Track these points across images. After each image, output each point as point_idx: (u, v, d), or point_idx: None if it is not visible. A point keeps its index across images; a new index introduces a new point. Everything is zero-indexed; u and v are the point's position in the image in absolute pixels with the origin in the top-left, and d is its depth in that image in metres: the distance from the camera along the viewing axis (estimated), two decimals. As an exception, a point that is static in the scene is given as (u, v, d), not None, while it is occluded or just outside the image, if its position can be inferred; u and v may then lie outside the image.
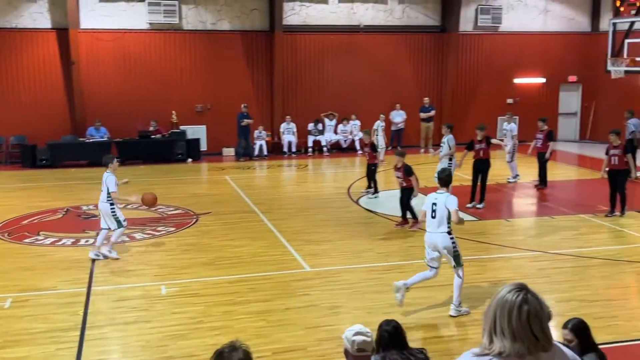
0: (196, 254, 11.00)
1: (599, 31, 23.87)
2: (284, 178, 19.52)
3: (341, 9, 22.45)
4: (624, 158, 12.78)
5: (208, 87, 21.74)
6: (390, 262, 10.49)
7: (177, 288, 9.35)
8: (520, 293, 2.68)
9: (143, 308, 8.59)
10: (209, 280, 9.64)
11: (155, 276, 9.93)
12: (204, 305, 8.63)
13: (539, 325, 2.66)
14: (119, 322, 8.18)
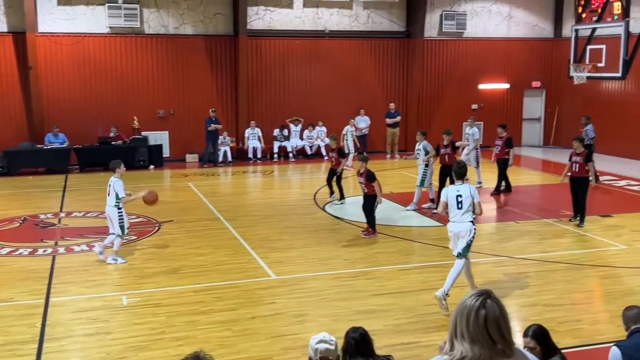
0: (158, 262, 10.78)
1: (562, 37, 24.16)
2: (249, 185, 19.24)
3: (306, 14, 22.29)
4: (585, 166, 12.75)
5: (171, 92, 21.37)
6: (356, 269, 10.43)
7: (139, 298, 9.16)
8: (479, 298, 2.75)
9: (103, 319, 8.38)
10: (172, 290, 9.45)
11: (116, 286, 9.73)
12: (167, 316, 8.44)
13: (496, 330, 2.71)
14: (79, 333, 7.98)
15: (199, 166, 20.92)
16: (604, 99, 22.53)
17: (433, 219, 13.73)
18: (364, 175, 12.27)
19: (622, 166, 20.13)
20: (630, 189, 16.94)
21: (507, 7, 24.18)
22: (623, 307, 5.61)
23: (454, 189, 8.75)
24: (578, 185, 12.90)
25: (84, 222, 13.69)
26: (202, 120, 20.99)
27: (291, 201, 16.02)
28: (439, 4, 23.46)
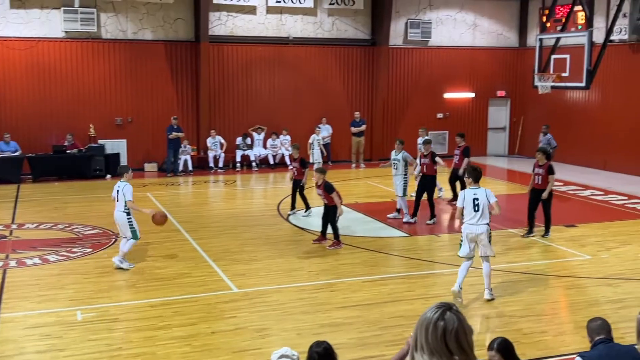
0: (115, 276, 10.47)
1: (527, 46, 24.27)
2: (211, 195, 18.75)
3: (269, 20, 21.93)
4: (547, 178, 12.56)
5: (129, 99, 20.78)
6: (321, 281, 10.32)
7: (94, 313, 8.87)
8: (439, 310, 2.78)
9: (56, 335, 8.10)
10: (129, 304, 9.21)
11: (70, 301, 9.37)
12: (124, 331, 8.26)
13: (455, 342, 2.74)
14: (30, 351, 7.74)
15: (158, 175, 20.39)
16: (568, 108, 22.63)
17: (402, 230, 13.49)
18: (322, 187, 12.02)
19: (586, 176, 20.20)
20: (595, 199, 16.96)
21: (472, 16, 24.19)
22: (588, 318, 5.59)
23: (470, 192, 9.11)
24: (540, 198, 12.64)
25: (37, 234, 13.23)
26: (161, 128, 20.46)
27: (254, 212, 15.72)
28: (404, 12, 23.34)
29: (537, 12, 22.66)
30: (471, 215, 9.04)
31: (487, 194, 9.07)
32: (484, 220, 9.05)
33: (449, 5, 23.84)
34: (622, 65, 20.46)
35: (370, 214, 14.83)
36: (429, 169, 14.05)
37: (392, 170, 14.25)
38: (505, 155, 25.15)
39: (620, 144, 20.76)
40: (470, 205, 9.02)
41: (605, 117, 21.22)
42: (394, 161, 14.16)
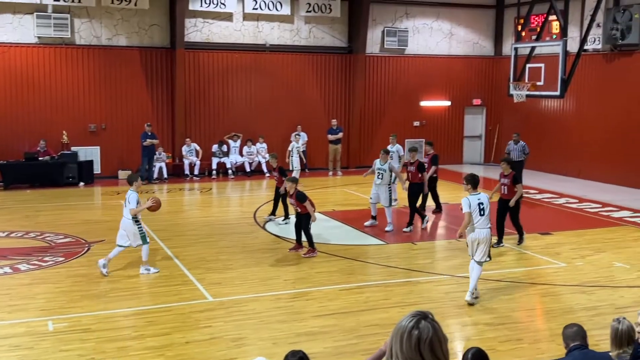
0: (87, 285, 10.27)
1: (502, 55, 24.46)
2: (186, 202, 18.55)
3: (246, 27, 21.84)
4: (513, 188, 12.56)
5: (103, 105, 20.53)
6: (297, 290, 10.25)
7: (66, 323, 8.69)
8: (414, 319, 2.78)
9: (27, 346, 7.94)
10: (101, 314, 9.02)
11: (41, 311, 9.16)
12: (96, 342, 8.08)
13: (429, 351, 2.74)
14: None
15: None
16: (543, 117, 22.82)
17: (378, 238, 13.46)
18: (294, 197, 11.92)
19: (561, 184, 20.36)
20: (570, 207, 17.08)
21: (449, 25, 24.33)
22: (563, 325, 5.57)
23: (474, 198, 9.43)
24: (508, 208, 12.64)
25: (8, 242, 12.96)
26: (136, 135, 20.24)
27: (230, 220, 15.56)
28: (381, 20, 23.41)
29: (513, 21, 22.86)
30: (478, 220, 9.39)
31: (488, 199, 9.58)
32: (488, 224, 9.47)
33: (426, 14, 23.96)
34: (596, 74, 20.69)
35: (347, 222, 14.77)
36: (414, 177, 14.09)
37: (376, 179, 14.08)
38: (481, 164, 25.28)
39: (594, 152, 20.97)
40: (477, 210, 9.38)
41: (580, 125, 21.43)
42: (379, 171, 13.99)
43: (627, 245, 13.07)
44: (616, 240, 13.42)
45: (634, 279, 10.83)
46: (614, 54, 20.10)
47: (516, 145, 18.46)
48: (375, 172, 14.06)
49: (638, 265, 11.54)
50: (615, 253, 12.41)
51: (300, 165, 20.15)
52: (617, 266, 11.51)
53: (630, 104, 19.64)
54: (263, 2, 21.69)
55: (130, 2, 20.06)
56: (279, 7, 21.88)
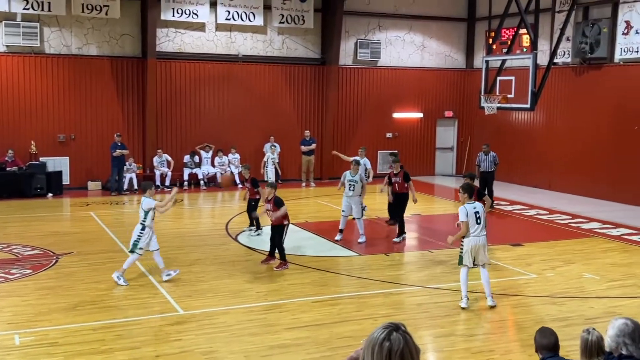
0: (55, 298, 10.06)
1: (473, 68, 24.69)
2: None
3: (219, 38, 21.76)
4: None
5: (72, 115, 20.26)
6: (270, 302, 10.15)
7: (33, 337, 8.54)
8: (385, 330, 2.78)
9: None
10: (69, 328, 8.84)
11: (7, 324, 9.02)
12: (63, 356, 7.94)
13: None
14: None
15: (102, 194, 19.88)
16: (514, 129, 23.06)
17: (351, 249, 13.44)
18: (272, 202, 11.81)
19: (532, 196, 20.55)
20: (540, 218, 17.23)
21: (421, 37, 24.51)
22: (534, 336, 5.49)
23: (470, 207, 9.67)
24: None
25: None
26: (106, 146, 20.01)
27: (201, 231, 15.43)
28: (354, 32, 23.50)
29: (484, 34, 23.11)
30: (474, 228, 9.66)
31: (483, 208, 9.93)
32: (484, 231, 9.79)
33: (398, 27, 24.12)
34: (566, 87, 20.98)
35: (320, 233, 14.73)
36: (401, 187, 14.20)
37: (347, 192, 13.94)
38: (453, 175, 25.43)
39: (564, 164, 21.22)
40: (473, 218, 9.64)
41: (550, 137, 21.68)
42: (351, 182, 13.90)
43: (597, 256, 13.21)
44: (586, 252, 13.57)
45: (603, 289, 10.95)
46: (583, 67, 20.41)
47: (486, 156, 18.62)
48: (347, 184, 13.95)
49: (607, 277, 11.67)
50: (585, 264, 12.53)
51: (275, 177, 20.09)
52: (586, 277, 11.62)
53: (599, 117, 19.94)
54: (236, 13, 21.64)
55: (101, 12, 19.87)
56: (252, 18, 21.85)
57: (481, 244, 9.73)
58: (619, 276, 11.71)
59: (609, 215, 17.27)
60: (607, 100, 19.63)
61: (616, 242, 14.42)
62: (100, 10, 19.85)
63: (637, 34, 18.54)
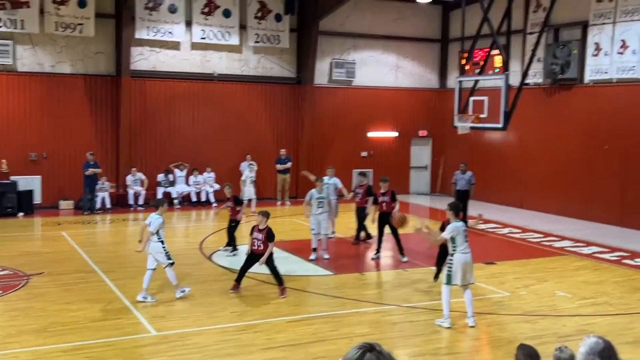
0: (26, 320, 9.89)
1: (447, 88, 24.96)
2: (130, 233, 18.10)
3: (194, 56, 21.75)
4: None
5: (45, 133, 20.04)
6: (244, 322, 10.05)
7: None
8: (360, 350, 2.74)
9: None
10: (39, 350, 8.71)
11: None
12: None
13: None
14: None
15: (75, 214, 19.64)
16: (487, 148, 23.31)
17: (326, 268, 13.43)
18: (265, 233, 11.26)
19: (504, 214, 20.73)
20: (513, 237, 17.38)
21: (395, 58, 24.75)
22: (508, 355, 5.67)
23: (460, 225, 9.87)
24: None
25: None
26: (79, 164, 19.81)
27: (175, 250, 14.95)
28: (329, 52, 23.66)
29: (457, 55, 23.41)
30: (464, 246, 9.84)
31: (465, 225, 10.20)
32: (469, 249, 9.96)
33: (373, 47, 24.34)
34: (538, 107, 21.29)
35: (296, 252, 14.67)
36: (388, 206, 14.29)
37: (316, 210, 14.04)
38: (427, 194, 25.59)
39: (536, 183, 21.48)
40: (462, 236, 9.82)
41: (522, 157, 21.95)
42: (320, 199, 14.08)
43: (569, 274, 13.35)
44: (558, 270, 13.70)
45: (575, 307, 11.06)
46: (554, 88, 20.74)
47: (463, 175, 18.79)
48: (315, 202, 14.05)
49: (579, 294, 11.79)
50: (558, 282, 12.66)
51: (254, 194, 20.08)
52: (559, 295, 11.73)
53: (570, 136, 20.25)
54: (211, 32, 21.68)
55: (75, 30, 19.76)
56: (228, 37, 21.90)
57: (470, 261, 9.93)
58: (590, 294, 11.85)
59: (580, 234, 17.49)
60: (578, 120, 19.96)
61: (588, 260, 14.59)
62: (74, 28, 19.74)
63: (607, 55, 18.92)
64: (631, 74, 18.24)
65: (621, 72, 18.55)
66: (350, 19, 23.80)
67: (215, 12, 21.66)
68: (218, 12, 21.69)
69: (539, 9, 21.06)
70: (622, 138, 18.68)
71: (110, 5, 20.53)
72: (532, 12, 21.28)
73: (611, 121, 18.97)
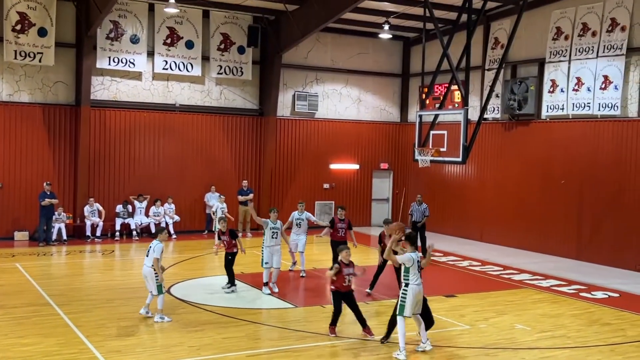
0: None
1: (408, 122, 25.28)
2: (86, 265, 17.73)
3: (155, 87, 21.63)
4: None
5: (1, 163, 19.60)
6: (202, 356, 9.84)
7: None
8: None
9: None
10: None
11: None
12: None
13: None
14: None
15: (30, 245, 19.15)
16: (447, 181, 23.58)
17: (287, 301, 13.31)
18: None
19: (464, 247, 20.90)
20: (473, 269, 17.49)
21: (357, 91, 25.02)
22: None
23: (415, 255, 10.05)
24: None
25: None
26: (35, 194, 19.42)
27: (132, 283, 14.90)
28: (292, 85, 23.79)
29: (417, 89, 23.78)
30: (417, 277, 10.03)
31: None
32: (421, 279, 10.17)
33: (335, 80, 24.57)
34: (496, 141, 21.69)
35: (256, 285, 14.51)
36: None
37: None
38: (389, 226, 25.63)
39: (495, 216, 21.75)
40: (416, 267, 10.00)
41: (481, 190, 22.26)
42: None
43: (528, 307, 13.45)
44: (517, 303, 13.80)
45: (534, 340, 11.12)
46: (512, 123, 21.17)
47: (419, 207, 18.98)
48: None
49: (538, 327, 11.87)
50: (517, 315, 12.74)
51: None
52: (518, 328, 11.79)
53: (527, 171, 20.62)
54: (174, 63, 21.63)
55: (34, 59, 19.50)
56: (190, 68, 21.87)
57: (421, 292, 10.14)
58: (549, 327, 11.94)
59: (538, 267, 17.71)
60: (535, 154, 20.36)
61: (546, 293, 14.75)
62: (34, 57, 19.49)
63: (562, 92, 19.42)
64: (586, 111, 18.73)
65: (577, 108, 19.04)
66: (312, 52, 24.03)
67: (178, 43, 21.64)
68: (181, 43, 21.68)
69: (497, 46, 21.58)
70: (578, 173, 19.10)
71: (71, 35, 20.34)
72: (491, 49, 21.80)
73: (567, 156, 19.41)
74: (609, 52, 18.12)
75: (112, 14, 20.28)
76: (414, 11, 21.20)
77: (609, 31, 18.11)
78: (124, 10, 20.67)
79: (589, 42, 18.64)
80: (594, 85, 18.48)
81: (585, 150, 18.91)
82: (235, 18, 22.44)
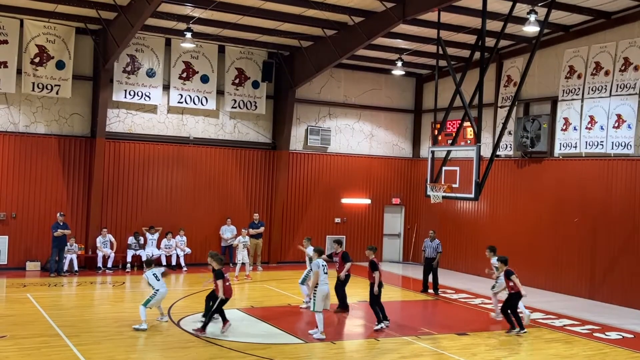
0: None
1: (420, 157, 25.32)
2: (97, 297, 17.72)
3: (170, 120, 21.86)
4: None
5: (15, 193, 19.79)
6: None
7: None
8: None
9: None
10: None
11: None
12: None
13: None
14: None
15: (41, 275, 19.19)
16: (459, 218, 23.48)
17: (297, 336, 13.19)
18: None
19: (476, 284, 20.70)
20: (485, 307, 17.29)
21: (370, 126, 25.14)
22: None
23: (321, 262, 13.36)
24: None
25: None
26: (48, 225, 19.55)
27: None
28: (305, 119, 23.96)
29: (430, 125, 23.86)
30: (323, 277, 13.15)
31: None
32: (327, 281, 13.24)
33: (348, 115, 24.73)
34: (508, 179, 21.63)
35: (266, 319, 14.42)
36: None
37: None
38: (400, 262, 25.56)
39: (507, 254, 21.37)
40: (323, 269, 13.18)
41: (493, 227, 22.12)
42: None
43: (540, 347, 13.27)
44: (530, 342, 13.62)
45: (547, 381, 10.94)
46: (525, 160, 21.13)
47: (431, 243, 18.91)
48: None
49: (551, 368, 11.69)
50: (530, 355, 12.57)
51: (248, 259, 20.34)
52: (531, 368, 11.62)
53: (540, 208, 20.51)
54: (189, 97, 21.88)
55: (52, 91, 19.81)
56: (205, 102, 22.11)
57: (328, 291, 13.16)
58: (562, 368, 11.76)
59: (551, 306, 17.49)
60: (548, 192, 20.27)
61: (559, 333, 14.55)
62: (51, 89, 19.80)
63: (575, 130, 19.40)
64: (599, 149, 18.69)
65: (589, 146, 19.00)
66: (326, 87, 24.24)
67: (194, 77, 21.92)
68: (196, 78, 21.96)
69: (509, 83, 21.67)
70: (590, 211, 18.98)
71: (89, 68, 20.67)
72: (503, 87, 21.89)
73: (580, 194, 19.30)
74: (622, 91, 18.14)
75: (130, 48, 20.61)
76: (427, 48, 21.41)
77: (622, 70, 18.16)
78: (141, 44, 21.00)
79: (602, 81, 18.68)
80: (607, 124, 18.47)
81: (599, 188, 18.81)
82: (251, 53, 22.73)
